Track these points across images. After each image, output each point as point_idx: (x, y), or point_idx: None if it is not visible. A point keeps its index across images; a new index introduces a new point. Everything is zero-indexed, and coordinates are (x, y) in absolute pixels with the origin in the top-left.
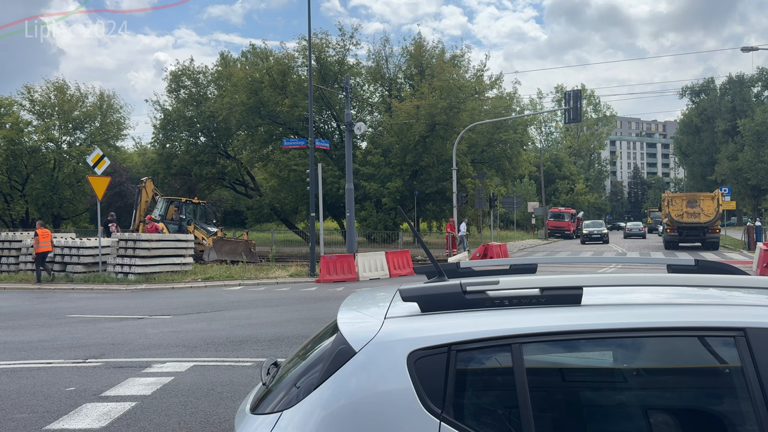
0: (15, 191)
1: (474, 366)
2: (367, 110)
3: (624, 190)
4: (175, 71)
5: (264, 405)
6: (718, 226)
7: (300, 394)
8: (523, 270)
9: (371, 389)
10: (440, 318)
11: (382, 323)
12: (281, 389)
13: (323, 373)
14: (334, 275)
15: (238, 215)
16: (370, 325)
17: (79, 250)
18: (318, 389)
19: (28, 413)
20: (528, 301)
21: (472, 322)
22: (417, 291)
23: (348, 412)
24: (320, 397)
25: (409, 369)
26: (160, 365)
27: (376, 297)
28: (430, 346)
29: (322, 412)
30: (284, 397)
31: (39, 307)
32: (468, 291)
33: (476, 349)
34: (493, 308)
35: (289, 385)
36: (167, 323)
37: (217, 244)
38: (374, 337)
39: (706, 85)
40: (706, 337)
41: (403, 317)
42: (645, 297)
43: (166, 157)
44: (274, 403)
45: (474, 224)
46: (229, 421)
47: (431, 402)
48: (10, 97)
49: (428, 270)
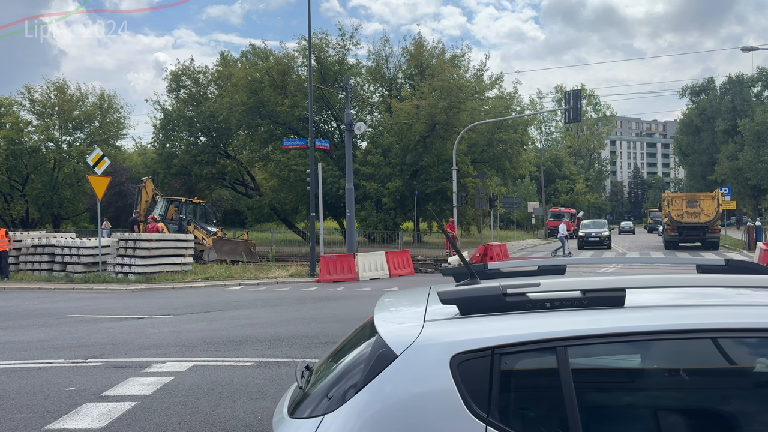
0: (15, 191)
1: (518, 369)
2: (367, 110)
3: (624, 190)
4: (175, 71)
5: (302, 409)
6: (718, 226)
7: (341, 398)
8: (552, 271)
9: (414, 393)
10: (482, 321)
11: (422, 326)
12: (320, 393)
13: (364, 377)
14: (334, 275)
15: (238, 215)
16: (410, 328)
17: (79, 250)
18: (359, 393)
19: (28, 413)
20: (570, 303)
21: (516, 324)
22: (456, 293)
23: (390, 416)
24: (362, 400)
25: (452, 372)
26: (160, 365)
27: (411, 298)
28: (473, 350)
29: (364, 415)
30: (324, 401)
31: (39, 307)
32: (508, 293)
33: (520, 353)
34: (535, 311)
35: (327, 388)
36: (167, 323)
37: (217, 244)
38: (415, 340)
39: (706, 84)
40: (754, 338)
41: (444, 320)
42: (686, 298)
43: (166, 157)
44: (314, 407)
45: (474, 224)
46: (229, 421)
47: (476, 406)
48: (10, 96)
49: (456, 272)
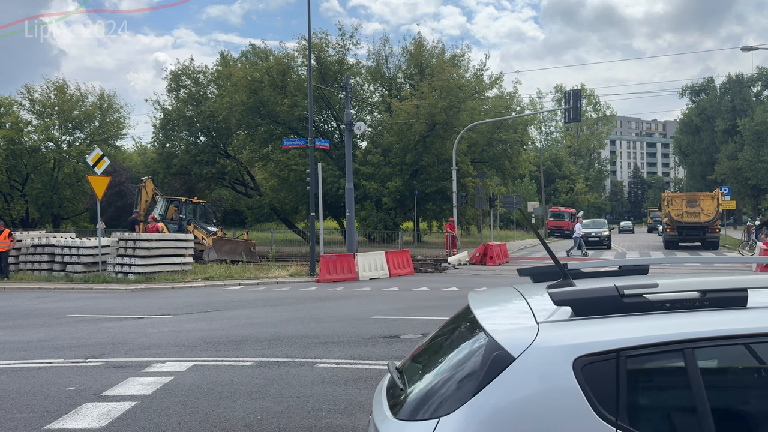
0: (15, 191)
1: (645, 371)
2: (367, 110)
3: (624, 189)
4: (174, 71)
5: (409, 410)
6: (718, 225)
7: (455, 401)
8: (634, 271)
9: (536, 396)
10: (602, 323)
11: (537, 328)
12: (427, 394)
13: (481, 380)
14: (334, 275)
15: (238, 215)
16: (525, 329)
17: (79, 249)
18: (477, 396)
19: (28, 413)
20: (690, 304)
21: (639, 326)
22: (570, 294)
23: (513, 419)
24: (481, 404)
25: (576, 375)
26: (159, 365)
27: (503, 297)
28: (597, 352)
29: (485, 419)
30: (435, 404)
31: (39, 306)
32: (626, 294)
33: (647, 355)
34: (656, 312)
35: (436, 390)
36: (167, 323)
37: (216, 243)
38: (533, 342)
39: (706, 84)
40: None
41: (561, 322)
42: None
43: (166, 157)
44: (424, 409)
45: (474, 224)
46: (228, 420)
47: (603, 409)
48: (10, 96)
49: (535, 272)
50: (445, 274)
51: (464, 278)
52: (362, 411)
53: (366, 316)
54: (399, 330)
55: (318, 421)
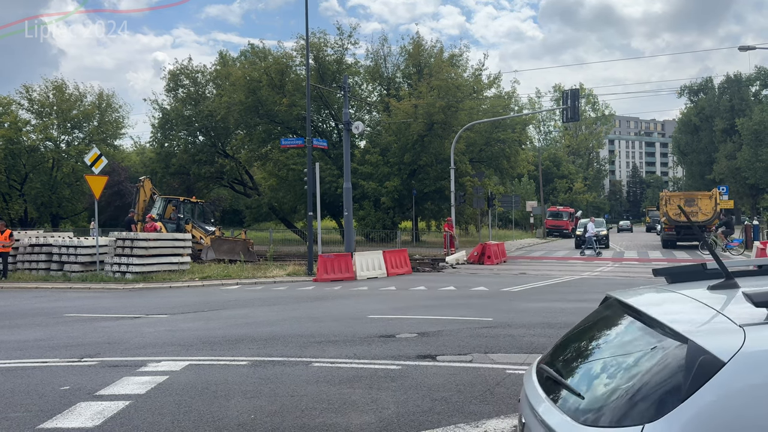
0: (14, 191)
1: None
2: (365, 109)
3: (623, 189)
4: (173, 70)
5: (596, 416)
6: (716, 225)
7: (659, 407)
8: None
9: (755, 402)
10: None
11: (742, 331)
12: (616, 399)
13: (689, 385)
14: (332, 274)
15: (237, 214)
16: (729, 332)
17: (77, 249)
18: (687, 402)
19: (22, 412)
20: None
21: None
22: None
23: (728, 427)
24: (692, 411)
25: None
26: (155, 364)
27: (667, 298)
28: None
29: (700, 426)
30: (631, 409)
31: (36, 306)
32: None
33: None
34: None
35: (628, 395)
36: (164, 322)
37: (215, 243)
38: (742, 346)
39: (705, 84)
40: None
41: (766, 324)
42: None
43: (165, 157)
44: (621, 415)
45: (472, 223)
46: (222, 419)
47: None
48: (9, 96)
49: (673, 272)
50: (442, 274)
51: (462, 278)
52: (355, 410)
53: (362, 316)
54: (395, 329)
55: (311, 420)
